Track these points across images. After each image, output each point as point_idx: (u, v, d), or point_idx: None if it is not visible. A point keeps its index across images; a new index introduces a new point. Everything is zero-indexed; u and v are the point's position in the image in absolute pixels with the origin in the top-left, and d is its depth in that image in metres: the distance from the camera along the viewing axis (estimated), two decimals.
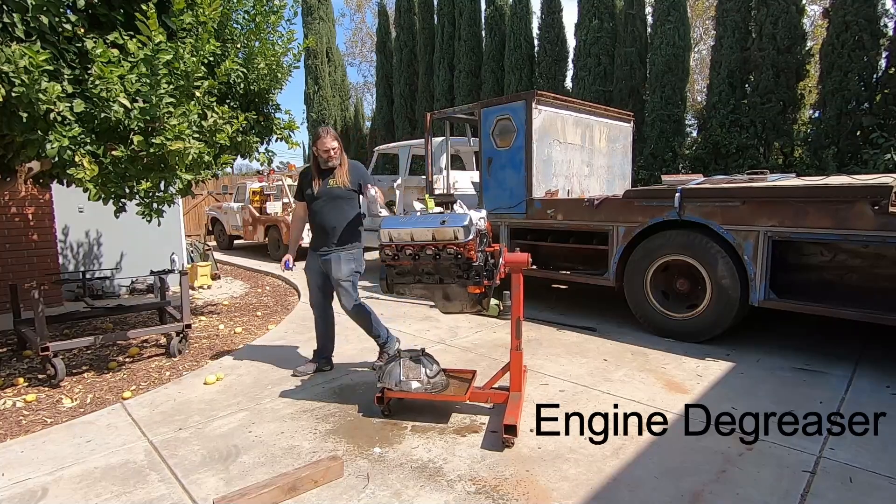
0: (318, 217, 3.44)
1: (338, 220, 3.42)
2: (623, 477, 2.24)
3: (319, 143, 3.35)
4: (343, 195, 3.44)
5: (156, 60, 2.99)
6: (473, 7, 13.12)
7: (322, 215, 3.43)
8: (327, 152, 3.36)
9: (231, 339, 4.72)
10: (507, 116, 5.30)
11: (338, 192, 3.42)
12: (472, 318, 4.97)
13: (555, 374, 3.48)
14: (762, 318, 4.58)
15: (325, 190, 3.41)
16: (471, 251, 2.55)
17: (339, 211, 3.43)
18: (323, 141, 3.35)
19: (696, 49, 15.00)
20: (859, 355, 3.70)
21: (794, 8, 8.03)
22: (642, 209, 4.29)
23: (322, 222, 3.44)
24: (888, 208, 3.12)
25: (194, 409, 3.09)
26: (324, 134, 3.37)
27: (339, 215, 3.43)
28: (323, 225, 3.44)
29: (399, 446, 2.57)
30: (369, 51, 25.75)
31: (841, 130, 7.60)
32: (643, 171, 9.50)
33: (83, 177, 3.02)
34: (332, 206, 3.42)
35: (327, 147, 3.35)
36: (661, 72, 9.40)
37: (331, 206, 3.41)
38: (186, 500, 2.16)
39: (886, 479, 2.16)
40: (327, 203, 3.42)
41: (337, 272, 3.43)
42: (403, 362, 2.88)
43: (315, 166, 3.45)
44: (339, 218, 3.43)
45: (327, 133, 3.38)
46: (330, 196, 3.41)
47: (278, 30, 4.21)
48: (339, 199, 3.43)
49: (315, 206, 3.44)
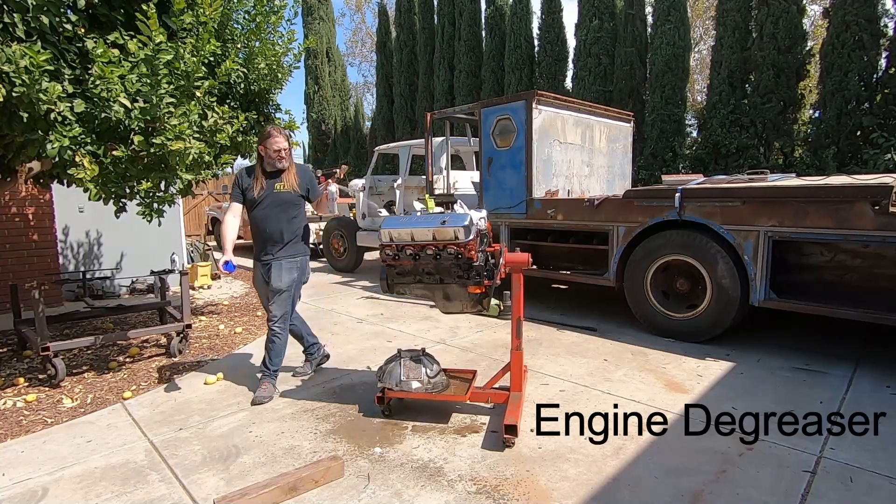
0: (263, 223, 3.17)
1: (284, 226, 3.18)
2: (623, 477, 2.25)
3: (269, 143, 3.09)
4: (291, 200, 3.20)
5: (156, 60, 2.99)
6: (473, 7, 13.12)
7: (267, 221, 3.16)
8: (278, 153, 3.11)
9: (231, 339, 4.72)
10: (507, 116, 5.30)
11: (285, 197, 3.17)
12: (472, 318, 4.97)
13: (555, 374, 3.48)
14: (762, 318, 4.58)
15: (272, 194, 3.16)
16: (471, 251, 2.55)
17: (286, 217, 3.19)
18: (274, 140, 3.08)
19: (696, 49, 15.00)
20: (859, 355, 3.70)
21: (794, 8, 8.03)
22: (642, 209, 4.29)
23: (267, 228, 3.17)
24: (888, 208, 3.12)
25: (194, 409, 3.09)
26: (274, 133, 3.10)
27: (285, 221, 3.18)
28: (268, 231, 3.17)
29: (399, 446, 2.57)
30: (369, 51, 25.76)
31: (841, 130, 7.61)
32: (643, 171, 9.50)
33: (83, 177, 3.02)
34: (279, 212, 3.17)
35: (278, 147, 3.10)
36: (661, 72, 9.40)
37: (277, 212, 3.16)
38: (187, 500, 2.16)
39: (886, 479, 2.16)
40: (273, 208, 3.16)
41: (277, 280, 3.16)
42: (404, 362, 2.88)
43: (260, 167, 3.16)
44: (286, 224, 3.18)
45: (279, 132, 3.13)
46: (277, 201, 3.16)
47: (278, 30, 4.21)
48: (287, 204, 3.18)
49: (259, 212, 3.16)
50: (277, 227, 3.17)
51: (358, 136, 17.20)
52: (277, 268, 3.18)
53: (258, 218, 3.18)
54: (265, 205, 3.16)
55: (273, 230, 3.17)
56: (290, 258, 3.21)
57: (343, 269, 8.36)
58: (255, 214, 3.18)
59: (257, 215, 3.18)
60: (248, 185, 3.18)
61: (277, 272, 3.17)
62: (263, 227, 3.18)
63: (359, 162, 16.15)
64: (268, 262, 3.21)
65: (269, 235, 3.18)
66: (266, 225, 3.17)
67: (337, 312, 5.51)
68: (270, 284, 3.18)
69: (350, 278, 7.79)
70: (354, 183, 8.24)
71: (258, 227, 3.19)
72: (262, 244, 3.21)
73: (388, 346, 4.20)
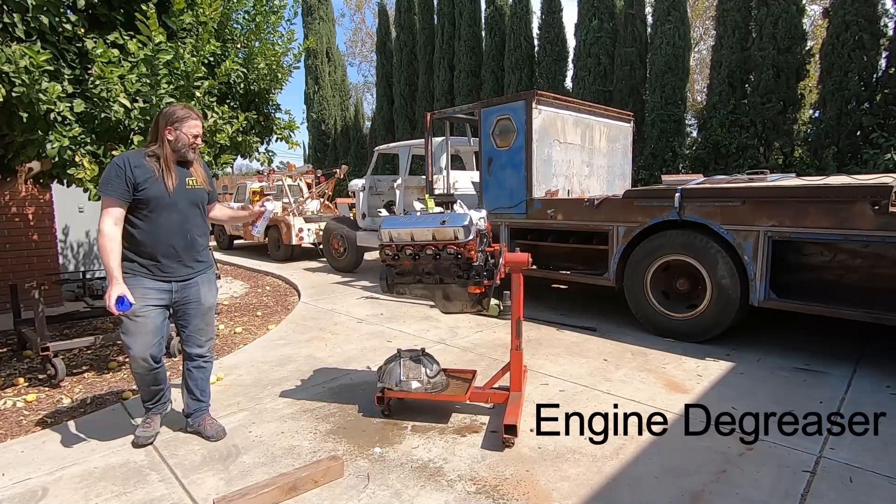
0: (178, 228, 2.47)
1: (201, 232, 2.60)
2: (623, 477, 2.24)
3: (186, 126, 2.44)
4: (204, 199, 2.62)
5: (156, 60, 2.99)
6: (473, 7, 13.12)
7: (185, 226, 2.49)
8: (196, 139, 2.49)
9: (231, 339, 4.72)
10: (507, 116, 5.30)
11: (200, 196, 2.58)
12: (472, 318, 4.97)
13: (555, 374, 3.48)
14: (762, 318, 4.58)
15: (184, 191, 2.49)
16: (471, 251, 2.55)
17: (202, 220, 2.61)
18: (192, 123, 2.47)
19: (696, 49, 15.00)
20: (859, 355, 3.70)
21: (794, 8, 8.03)
22: (642, 209, 4.29)
23: (187, 235, 2.51)
24: (888, 208, 3.12)
25: None
26: (191, 113, 2.48)
27: (202, 226, 2.61)
28: (188, 238, 2.51)
29: (399, 446, 2.57)
30: (369, 51, 25.77)
31: (841, 130, 7.60)
32: (643, 171, 9.50)
33: (83, 177, 3.03)
34: (195, 215, 2.56)
35: (197, 132, 2.49)
36: (661, 72, 9.40)
37: (194, 214, 2.55)
38: (186, 500, 2.16)
39: (886, 479, 2.16)
40: (190, 209, 2.52)
41: (209, 296, 2.64)
42: (403, 362, 2.88)
43: (167, 156, 2.44)
44: (202, 229, 2.61)
45: (195, 112, 2.52)
46: (192, 200, 2.53)
47: (278, 30, 4.22)
48: (201, 204, 2.60)
49: (170, 215, 2.45)
50: (195, 232, 2.55)
51: (358, 136, 17.21)
52: (207, 282, 2.63)
53: (169, 223, 2.44)
54: (181, 206, 2.47)
55: (192, 237, 2.53)
56: (211, 269, 2.69)
57: (343, 269, 8.37)
58: (164, 219, 2.43)
59: (168, 220, 2.43)
60: (146, 179, 2.37)
61: (208, 286, 2.63)
62: (178, 234, 2.47)
63: (359, 162, 16.15)
64: (189, 278, 2.55)
65: (189, 244, 2.52)
66: (183, 231, 2.49)
67: (337, 312, 5.50)
68: (201, 301, 2.59)
69: (350, 278, 7.79)
70: (354, 183, 8.24)
71: (169, 233, 2.44)
72: (173, 256, 2.46)
73: (388, 346, 4.19)
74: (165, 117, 2.43)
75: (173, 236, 2.45)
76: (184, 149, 2.47)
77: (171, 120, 2.42)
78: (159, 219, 2.41)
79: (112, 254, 2.28)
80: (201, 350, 2.65)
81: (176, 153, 2.46)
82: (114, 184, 2.33)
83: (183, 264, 2.50)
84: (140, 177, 2.36)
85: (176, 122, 2.42)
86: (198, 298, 2.57)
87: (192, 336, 2.61)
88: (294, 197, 10.65)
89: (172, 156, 2.45)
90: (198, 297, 2.57)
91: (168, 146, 2.43)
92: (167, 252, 2.44)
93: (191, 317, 2.58)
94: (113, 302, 2.22)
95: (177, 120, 2.43)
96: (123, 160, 2.37)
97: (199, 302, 2.58)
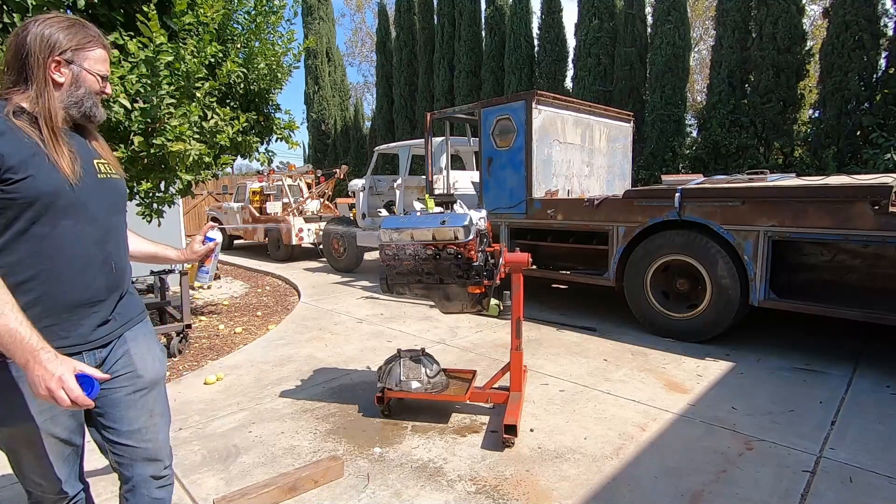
0: (86, 248, 1.30)
1: (123, 250, 1.45)
2: (623, 477, 2.25)
3: (89, 57, 1.32)
4: (123, 194, 1.48)
5: (157, 62, 2.99)
6: (473, 7, 13.12)
7: (99, 242, 1.33)
8: (105, 82, 1.38)
9: (231, 339, 4.72)
10: (507, 116, 5.30)
11: (121, 192, 1.46)
12: (472, 318, 4.97)
13: (555, 374, 3.48)
14: (762, 318, 4.58)
15: (97, 183, 1.34)
16: (471, 251, 2.55)
17: (123, 230, 1.46)
18: (100, 53, 1.35)
19: (696, 49, 15.00)
20: (859, 355, 3.70)
21: (794, 8, 8.02)
22: (642, 209, 4.30)
23: (97, 263, 1.33)
24: (888, 208, 3.12)
25: (194, 409, 3.09)
26: (91, 34, 1.33)
27: (123, 240, 1.45)
28: (98, 269, 1.33)
29: (399, 446, 2.57)
30: (369, 51, 25.77)
31: (841, 130, 7.60)
32: (643, 171, 9.49)
33: None
34: (115, 225, 1.41)
35: (107, 69, 1.38)
36: (661, 72, 9.40)
37: (112, 224, 1.39)
38: (186, 500, 2.16)
39: (886, 479, 2.16)
40: (102, 215, 1.35)
41: (153, 362, 1.46)
42: (403, 362, 2.88)
43: (53, 114, 1.26)
44: (124, 246, 1.46)
45: (100, 36, 1.37)
46: (109, 199, 1.39)
47: (278, 30, 4.23)
48: (121, 202, 1.45)
49: (70, 224, 1.27)
50: (121, 257, 1.42)
51: (358, 136, 17.21)
52: (143, 336, 1.47)
53: (78, 242, 1.28)
54: (93, 208, 1.32)
55: (118, 267, 1.39)
56: (145, 313, 1.54)
57: (343, 269, 8.37)
58: (67, 234, 1.26)
59: (74, 236, 1.28)
60: (24, 159, 1.19)
61: (147, 344, 1.47)
62: (94, 263, 1.32)
63: (359, 162, 16.15)
64: (109, 341, 1.38)
65: (114, 280, 1.38)
66: (103, 256, 1.34)
67: (337, 312, 5.51)
68: (138, 375, 1.41)
69: (350, 278, 7.79)
70: (354, 183, 8.24)
71: (77, 262, 1.28)
72: (83, 303, 1.30)
73: (388, 346, 4.20)
74: (42, 41, 1.24)
75: (86, 267, 1.29)
76: (88, 101, 1.33)
77: (57, 46, 1.26)
78: (55, 235, 1.24)
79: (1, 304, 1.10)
80: (152, 467, 1.44)
81: (71, 110, 1.31)
82: None
83: (100, 317, 1.34)
84: (11, 152, 1.16)
85: (68, 49, 1.27)
86: (131, 369, 1.40)
87: (127, 445, 1.39)
88: (294, 197, 10.65)
89: (63, 115, 1.29)
90: (131, 368, 1.40)
91: (53, 95, 1.26)
92: (74, 297, 1.27)
93: (122, 407, 1.38)
94: (73, 388, 1.10)
95: (70, 46, 1.28)
96: None
97: (136, 374, 1.40)
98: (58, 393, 1.09)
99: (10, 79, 1.26)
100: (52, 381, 1.09)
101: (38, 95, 1.25)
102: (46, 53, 1.26)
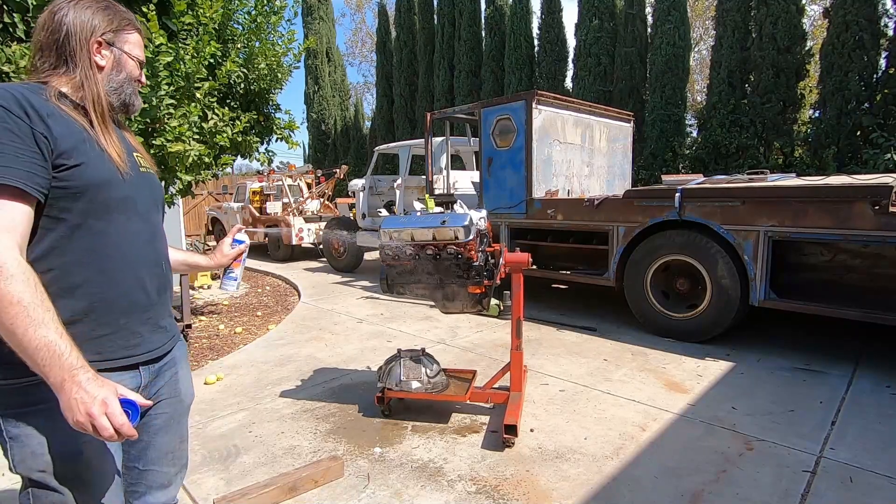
0: (140, 245, 1.19)
1: (164, 250, 1.32)
2: (623, 477, 2.25)
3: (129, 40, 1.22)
4: (162, 192, 1.41)
5: (157, 62, 2.99)
6: (473, 7, 13.12)
7: (149, 241, 1.23)
8: (143, 68, 1.29)
9: (231, 339, 4.72)
10: (507, 116, 5.30)
11: (159, 190, 1.36)
12: (472, 318, 4.97)
13: (555, 374, 3.48)
14: (762, 318, 4.58)
15: (140, 176, 1.22)
16: (471, 251, 2.55)
17: (162, 229, 1.33)
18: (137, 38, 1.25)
19: (696, 49, 15.00)
20: (859, 355, 3.70)
21: (794, 8, 8.02)
22: (642, 209, 4.30)
23: (149, 261, 1.22)
24: (888, 208, 3.12)
25: (194, 409, 3.07)
26: (127, 17, 1.22)
27: (164, 239, 1.33)
28: (150, 267, 1.22)
29: (399, 446, 2.57)
30: (369, 51, 25.77)
31: (841, 130, 7.60)
32: (643, 171, 9.49)
33: None
34: (158, 222, 1.31)
35: (142, 56, 1.27)
36: (661, 72, 9.40)
37: (156, 221, 1.30)
38: (186, 500, 2.16)
39: (886, 479, 2.16)
40: (148, 211, 1.25)
41: (190, 385, 1.40)
42: (403, 362, 2.88)
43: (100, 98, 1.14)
44: (165, 246, 1.33)
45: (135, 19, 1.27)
46: (152, 195, 1.28)
47: (278, 30, 4.22)
48: (159, 199, 1.35)
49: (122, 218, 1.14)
50: (164, 252, 1.31)
51: (358, 136, 17.21)
52: (183, 358, 1.38)
53: (134, 239, 1.18)
54: (140, 204, 1.21)
55: (166, 267, 1.30)
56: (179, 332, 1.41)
57: (343, 269, 8.37)
58: (121, 229, 1.14)
59: (127, 231, 1.16)
60: (75, 144, 1.06)
61: (185, 366, 1.38)
62: (146, 261, 1.22)
63: (359, 162, 16.15)
64: (164, 354, 1.27)
65: (163, 281, 1.28)
66: (153, 254, 1.25)
67: (337, 312, 5.51)
68: (181, 400, 1.35)
69: (350, 278, 7.79)
70: (354, 183, 8.25)
71: (131, 260, 1.17)
72: (140, 306, 1.18)
73: (388, 346, 4.20)
74: (83, 21, 1.12)
75: (140, 268, 1.18)
76: (128, 88, 1.21)
77: (98, 27, 1.14)
78: (111, 232, 1.12)
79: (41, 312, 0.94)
80: (165, 495, 1.34)
81: (111, 96, 1.18)
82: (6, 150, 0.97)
83: (154, 324, 1.22)
84: (63, 135, 1.04)
85: (108, 30, 1.16)
86: (175, 394, 1.32)
87: (152, 469, 1.29)
88: (294, 197, 10.65)
89: (107, 102, 1.16)
90: (175, 392, 1.32)
91: (99, 78, 1.15)
92: (130, 302, 1.15)
93: (157, 433, 1.28)
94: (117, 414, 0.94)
95: (111, 28, 1.17)
96: (14, 96, 1.01)
97: (178, 399, 1.33)
98: (100, 420, 0.92)
99: (47, 62, 1.14)
100: (95, 405, 0.92)
101: (84, 79, 1.13)
102: (88, 34, 1.14)
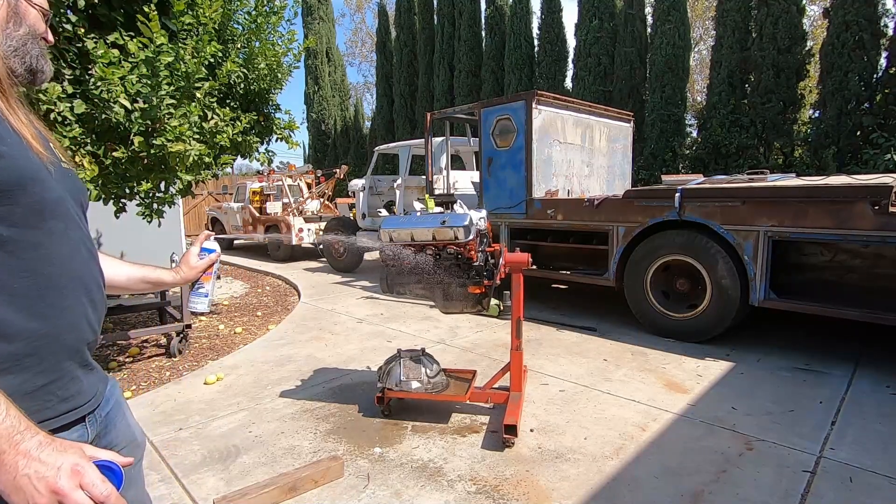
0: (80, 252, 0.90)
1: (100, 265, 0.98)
2: (623, 477, 2.25)
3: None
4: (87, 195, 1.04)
5: (157, 62, 2.99)
6: (473, 7, 13.12)
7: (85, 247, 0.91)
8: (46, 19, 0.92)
9: (231, 339, 4.72)
10: (507, 116, 5.30)
11: (81, 184, 0.99)
12: (472, 318, 4.97)
13: (555, 374, 3.48)
14: (762, 318, 4.58)
15: (61, 168, 0.90)
16: (471, 251, 2.56)
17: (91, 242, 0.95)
18: None
19: (696, 49, 15.00)
20: (859, 355, 3.70)
21: (794, 8, 8.02)
22: (642, 209, 4.29)
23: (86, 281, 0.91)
24: (888, 208, 3.12)
25: (194, 409, 3.09)
26: None
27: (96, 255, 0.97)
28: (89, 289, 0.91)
29: (399, 446, 2.57)
30: (369, 51, 25.77)
31: (841, 130, 7.60)
32: (643, 171, 9.49)
33: (83, 177, 3.03)
34: (85, 222, 0.95)
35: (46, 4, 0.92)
36: (661, 72, 9.40)
37: (84, 221, 0.95)
38: (186, 500, 2.16)
39: (886, 479, 2.16)
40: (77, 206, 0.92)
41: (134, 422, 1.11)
42: (403, 362, 2.88)
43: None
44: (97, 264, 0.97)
45: None
46: (75, 195, 0.92)
47: (278, 30, 4.22)
48: (87, 203, 1.00)
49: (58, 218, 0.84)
50: (100, 271, 0.98)
51: (358, 136, 17.21)
52: (122, 399, 1.09)
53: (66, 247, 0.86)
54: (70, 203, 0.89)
55: (101, 282, 0.97)
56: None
57: (343, 269, 8.36)
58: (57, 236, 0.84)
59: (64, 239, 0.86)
60: None
61: (128, 408, 1.11)
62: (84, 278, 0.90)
63: (359, 162, 16.15)
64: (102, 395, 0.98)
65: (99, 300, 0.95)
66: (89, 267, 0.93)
67: (337, 312, 5.50)
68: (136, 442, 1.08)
69: (350, 278, 7.79)
70: (354, 183, 8.25)
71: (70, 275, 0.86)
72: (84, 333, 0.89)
73: (388, 346, 4.20)
74: None
75: (84, 288, 0.91)
76: (33, 48, 0.89)
77: None
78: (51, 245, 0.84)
79: None
80: None
81: (11, 61, 0.85)
82: None
83: (86, 363, 0.93)
84: None
85: None
86: (132, 438, 1.08)
87: None
88: (294, 197, 10.65)
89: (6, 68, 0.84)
90: (131, 437, 1.08)
91: None
92: (77, 337, 0.89)
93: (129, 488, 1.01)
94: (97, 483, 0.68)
95: None
96: None
97: (136, 444, 1.09)
98: (73, 497, 0.66)
99: None
100: (61, 477, 0.66)
101: None
102: None
